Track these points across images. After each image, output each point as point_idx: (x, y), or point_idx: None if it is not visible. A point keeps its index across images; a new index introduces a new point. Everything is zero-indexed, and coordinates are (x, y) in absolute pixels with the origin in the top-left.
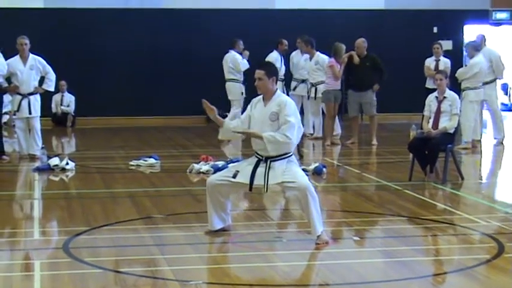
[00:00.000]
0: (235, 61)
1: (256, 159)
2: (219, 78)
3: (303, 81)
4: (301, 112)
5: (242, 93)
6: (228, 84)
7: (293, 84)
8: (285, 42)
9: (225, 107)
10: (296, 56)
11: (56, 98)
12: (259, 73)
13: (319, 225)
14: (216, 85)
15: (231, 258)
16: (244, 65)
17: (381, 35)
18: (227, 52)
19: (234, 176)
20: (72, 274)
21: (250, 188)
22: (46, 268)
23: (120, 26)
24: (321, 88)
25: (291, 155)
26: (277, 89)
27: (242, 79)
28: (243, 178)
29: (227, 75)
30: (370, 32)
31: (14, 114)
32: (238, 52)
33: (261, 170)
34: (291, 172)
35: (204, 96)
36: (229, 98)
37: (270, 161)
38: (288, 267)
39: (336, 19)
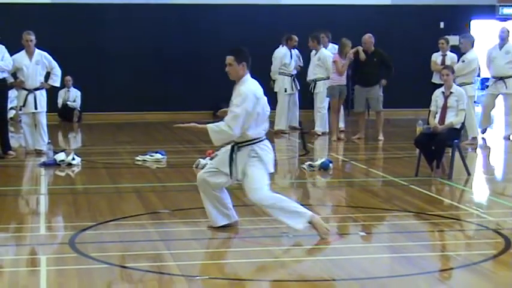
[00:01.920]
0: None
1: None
2: (226, 72)
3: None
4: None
5: (285, 89)
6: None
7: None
8: (295, 38)
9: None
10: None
11: (62, 93)
12: (229, 59)
13: (294, 223)
14: (222, 80)
15: (237, 254)
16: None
17: (388, 30)
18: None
19: (212, 158)
20: (78, 269)
21: (231, 175)
22: (52, 263)
23: (127, 21)
24: (320, 84)
25: (258, 142)
26: (244, 75)
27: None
28: (222, 166)
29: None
30: (377, 27)
31: (20, 110)
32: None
33: (233, 156)
34: (249, 174)
35: (211, 92)
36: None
37: (237, 147)
38: (294, 262)
39: (343, 14)
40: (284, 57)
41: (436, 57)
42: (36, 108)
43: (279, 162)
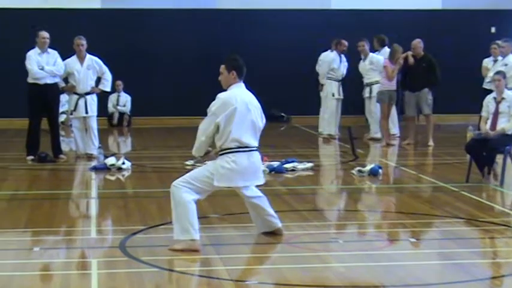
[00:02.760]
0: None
1: None
2: (273, 78)
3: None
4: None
5: (333, 94)
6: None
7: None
8: (345, 42)
9: (283, 107)
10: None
11: (112, 98)
12: (221, 67)
13: (176, 232)
14: (270, 86)
15: (286, 259)
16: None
17: (438, 35)
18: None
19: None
20: (128, 273)
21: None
22: (103, 266)
23: (176, 26)
24: (376, 88)
25: (222, 154)
26: (234, 83)
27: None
28: None
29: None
30: (427, 32)
31: (71, 114)
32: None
33: None
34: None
35: (261, 96)
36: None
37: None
38: (344, 268)
39: (392, 19)
40: (332, 62)
41: (487, 63)
42: (86, 113)
43: (327, 167)
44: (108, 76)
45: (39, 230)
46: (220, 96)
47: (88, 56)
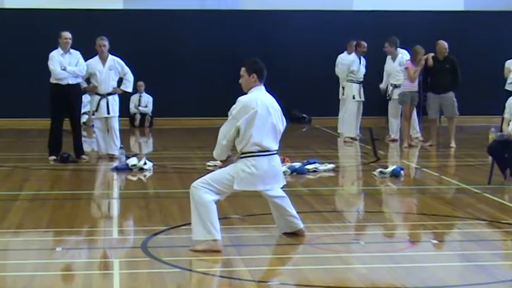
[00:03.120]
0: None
1: None
2: (295, 78)
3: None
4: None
5: (354, 96)
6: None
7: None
8: (364, 44)
9: (304, 108)
10: (389, 61)
11: (134, 98)
12: (241, 70)
13: (196, 232)
14: (294, 86)
15: (308, 260)
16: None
17: (460, 36)
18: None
19: None
20: (150, 273)
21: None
22: (125, 267)
23: (198, 27)
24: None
25: (243, 157)
26: (255, 86)
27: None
28: None
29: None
30: (450, 33)
31: (93, 114)
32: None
33: None
34: (214, 170)
35: (282, 97)
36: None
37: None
38: (366, 269)
39: (414, 20)
40: (352, 64)
41: (510, 64)
42: (108, 113)
43: (348, 168)
44: (130, 77)
45: (61, 230)
46: (241, 99)
47: (110, 56)
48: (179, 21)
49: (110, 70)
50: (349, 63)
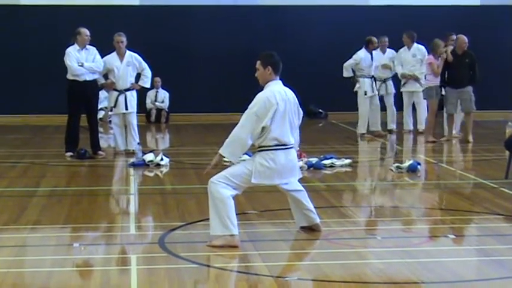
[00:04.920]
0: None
1: None
2: (311, 74)
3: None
4: (414, 109)
5: (365, 92)
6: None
7: (402, 80)
8: (375, 40)
9: (320, 103)
10: (404, 52)
11: (151, 94)
12: (257, 63)
13: (214, 227)
14: (310, 81)
15: (325, 255)
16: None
17: (477, 31)
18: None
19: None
20: (167, 269)
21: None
22: (142, 262)
23: (215, 23)
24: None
25: (260, 151)
26: (271, 80)
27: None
28: None
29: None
30: (466, 28)
31: (111, 110)
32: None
33: None
34: (232, 165)
35: (298, 92)
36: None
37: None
38: (383, 264)
39: (431, 15)
40: (361, 61)
41: None
42: (126, 109)
43: (365, 163)
44: (147, 73)
45: (79, 226)
46: (261, 96)
47: (128, 52)
48: (196, 16)
49: (128, 66)
50: (359, 60)
